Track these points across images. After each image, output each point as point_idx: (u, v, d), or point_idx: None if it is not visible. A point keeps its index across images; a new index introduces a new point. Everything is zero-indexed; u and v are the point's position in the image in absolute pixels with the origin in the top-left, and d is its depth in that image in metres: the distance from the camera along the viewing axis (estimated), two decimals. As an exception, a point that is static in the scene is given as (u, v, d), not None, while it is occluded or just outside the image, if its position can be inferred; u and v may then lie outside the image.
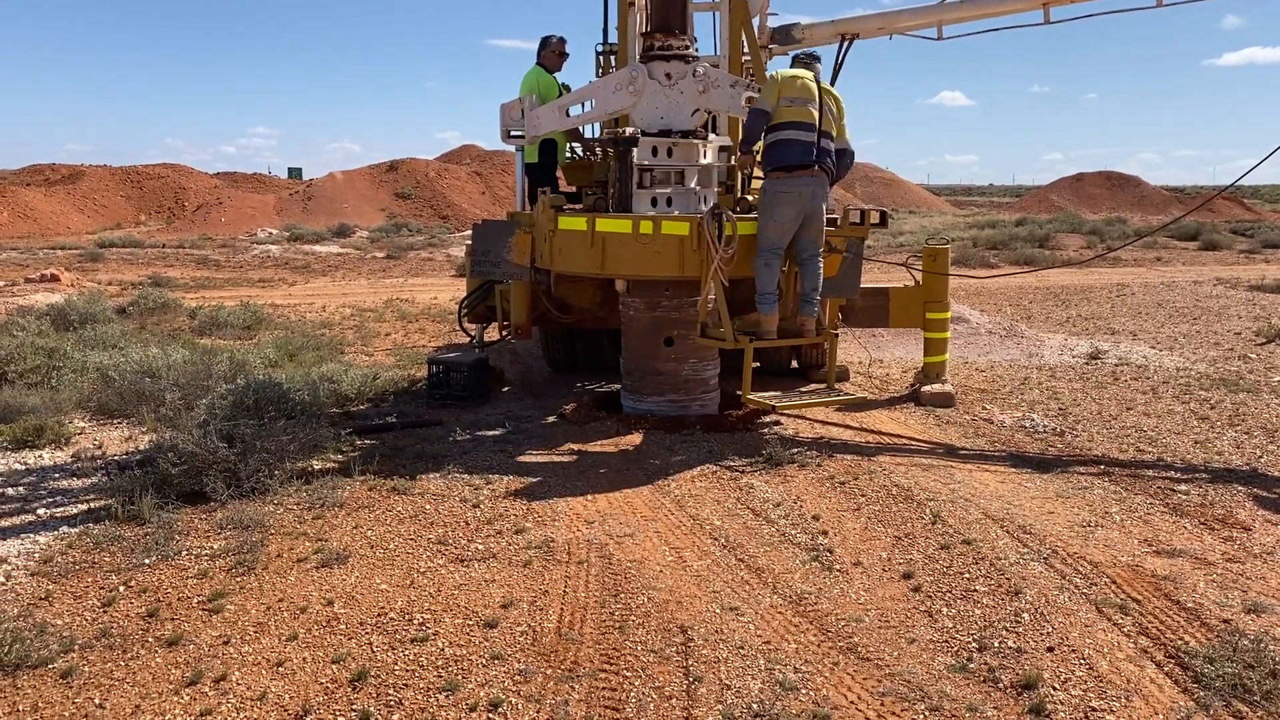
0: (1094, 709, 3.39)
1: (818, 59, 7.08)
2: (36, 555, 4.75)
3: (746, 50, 8.14)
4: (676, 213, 7.04)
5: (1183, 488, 5.77)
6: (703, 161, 7.25)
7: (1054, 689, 3.51)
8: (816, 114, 6.65)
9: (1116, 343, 10.98)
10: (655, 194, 7.15)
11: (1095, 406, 7.89)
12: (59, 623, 4.04)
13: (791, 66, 7.14)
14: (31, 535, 5.02)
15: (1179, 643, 3.83)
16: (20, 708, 3.42)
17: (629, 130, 7.15)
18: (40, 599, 4.27)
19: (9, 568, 4.61)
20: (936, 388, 8.07)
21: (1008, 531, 5.02)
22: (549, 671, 3.65)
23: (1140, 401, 8.04)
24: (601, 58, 9.63)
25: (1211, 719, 3.33)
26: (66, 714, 3.38)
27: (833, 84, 8.94)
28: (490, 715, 3.36)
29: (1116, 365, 9.65)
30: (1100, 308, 14.24)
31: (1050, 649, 3.81)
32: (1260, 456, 6.45)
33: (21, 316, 11.12)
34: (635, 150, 7.19)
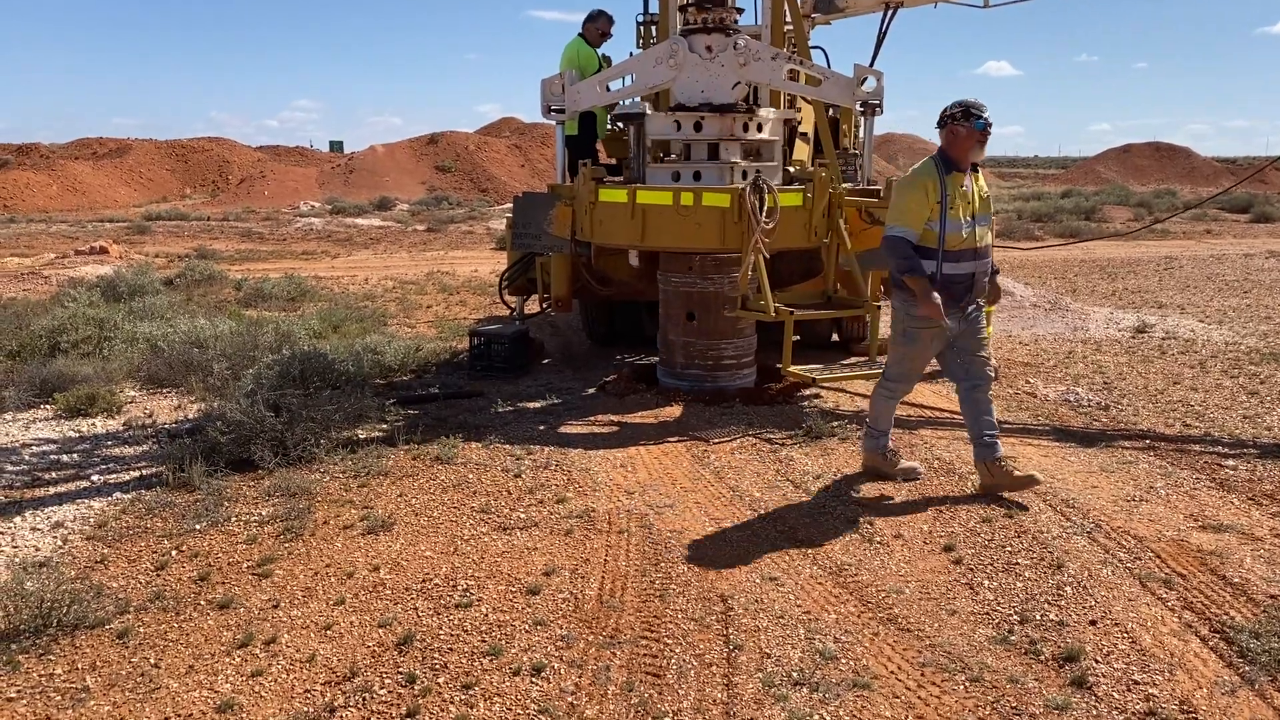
0: (1136, 682, 3.38)
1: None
2: (91, 520, 4.88)
3: (789, 20, 8.06)
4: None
5: (1230, 463, 5.69)
6: (748, 135, 7.19)
7: (1096, 662, 3.50)
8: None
9: (1164, 316, 10.81)
10: (676, 169, 7.15)
11: (1141, 380, 7.78)
12: (114, 585, 4.15)
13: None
14: (86, 501, 5.15)
15: (1224, 618, 3.80)
16: (79, 666, 3.53)
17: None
18: (96, 562, 4.39)
19: (66, 531, 4.74)
20: (979, 361, 7.99)
21: (1050, 505, 4.99)
22: (591, 638, 3.70)
23: (1187, 376, 7.92)
24: (642, 28, 9.59)
25: (1257, 694, 3.30)
26: (123, 673, 3.48)
27: (875, 55, 8.86)
28: (533, 679, 3.42)
29: (1163, 339, 9.51)
30: (1147, 281, 14.01)
31: (1093, 622, 3.79)
32: (1311, 432, 6.33)
33: (72, 288, 11.36)
34: (647, 123, 7.21)
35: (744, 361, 7.32)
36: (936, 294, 4.97)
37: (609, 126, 9.14)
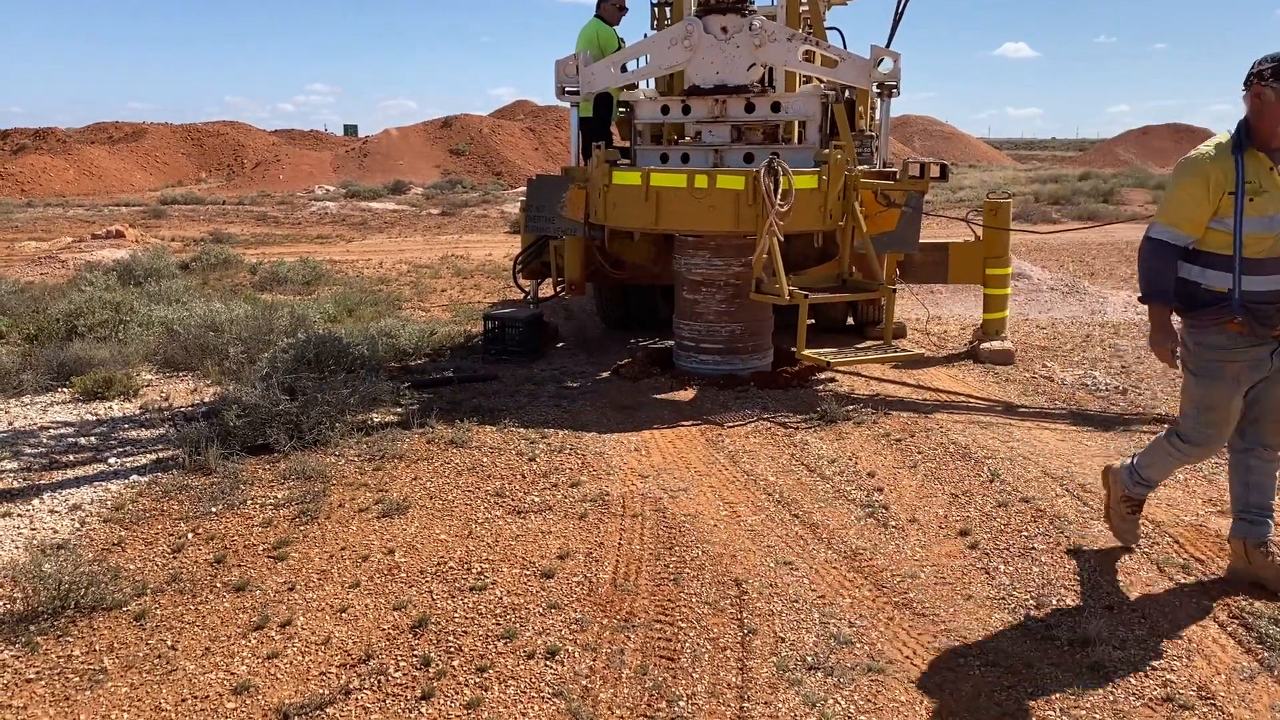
0: (1154, 667, 3.36)
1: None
2: (109, 502, 4.91)
3: (805, 1, 7.99)
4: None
5: (1250, 447, 5.64)
6: (752, 117, 7.18)
7: (1113, 648, 3.48)
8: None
9: (1183, 300, 10.69)
10: (664, 151, 7.23)
11: (1159, 364, 7.72)
12: (131, 567, 4.18)
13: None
14: (103, 483, 5.18)
15: (1243, 603, 3.77)
16: (97, 647, 3.55)
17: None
18: (113, 544, 4.42)
19: (83, 514, 4.77)
20: (996, 345, 7.96)
21: (1068, 490, 4.96)
22: (605, 621, 3.70)
23: (1207, 360, 7.85)
24: (656, 9, 9.53)
25: (1276, 680, 3.28)
26: (141, 654, 3.51)
27: (891, 37, 8.78)
28: (548, 662, 3.42)
29: (1182, 323, 9.42)
30: (1166, 264, 13.86)
31: (1109, 608, 3.77)
32: (1332, 416, 6.27)
33: (89, 272, 11.40)
34: (637, 109, 7.29)
35: (704, 347, 7.23)
36: (1227, 331, 3.72)
37: (622, 109, 9.10)
